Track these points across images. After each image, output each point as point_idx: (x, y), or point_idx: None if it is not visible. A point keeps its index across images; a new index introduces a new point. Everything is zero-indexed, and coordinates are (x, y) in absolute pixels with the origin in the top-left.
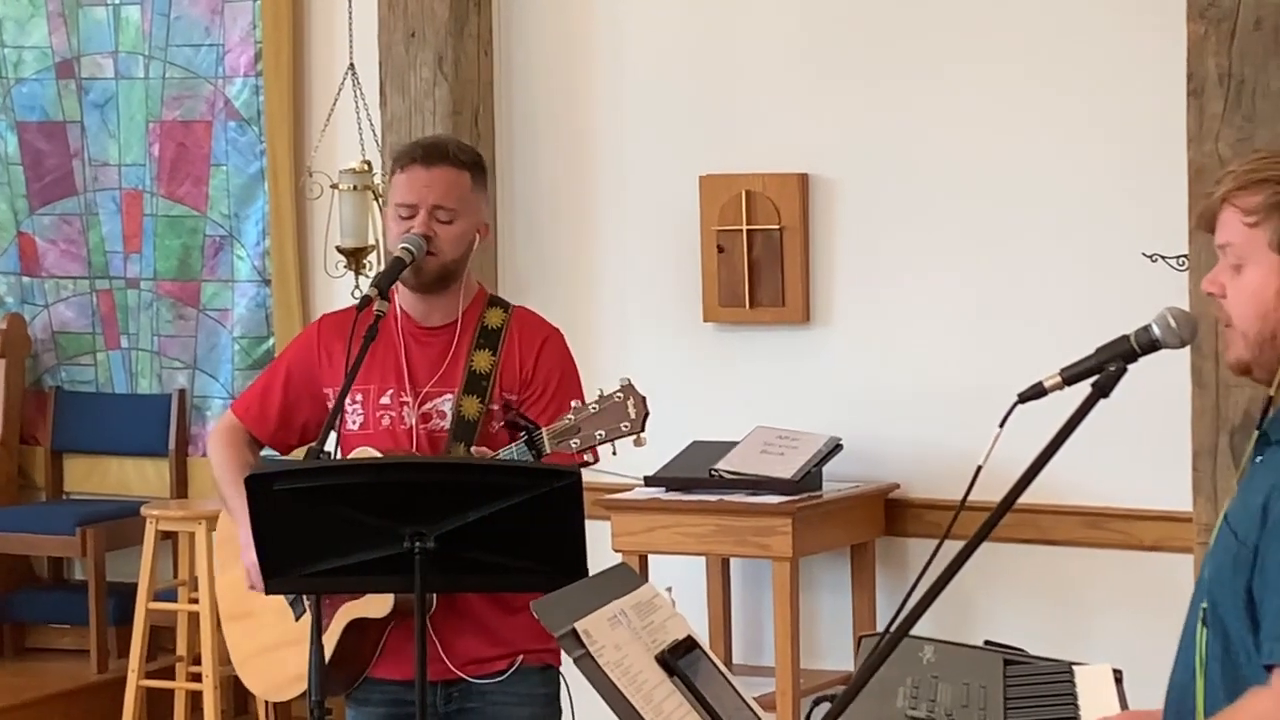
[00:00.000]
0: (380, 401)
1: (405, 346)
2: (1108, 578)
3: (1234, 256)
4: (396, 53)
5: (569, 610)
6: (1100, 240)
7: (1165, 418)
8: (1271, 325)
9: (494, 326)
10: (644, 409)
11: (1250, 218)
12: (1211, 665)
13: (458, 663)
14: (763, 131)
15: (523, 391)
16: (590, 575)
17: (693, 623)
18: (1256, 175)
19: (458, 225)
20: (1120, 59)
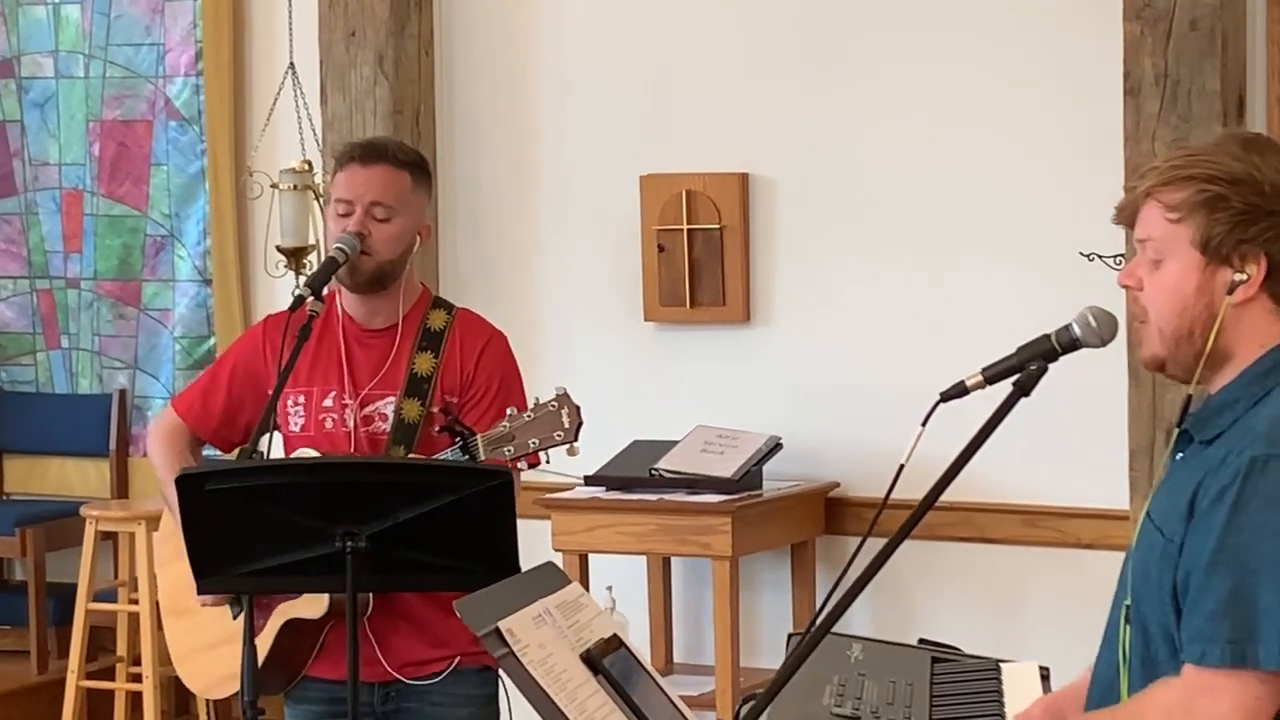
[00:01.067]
0: (322, 404)
1: (347, 348)
2: (1045, 575)
3: (1153, 251)
4: (337, 52)
5: (493, 609)
6: (1038, 240)
7: (1102, 416)
8: (1189, 322)
9: (436, 329)
10: (578, 419)
11: (1173, 214)
12: (1133, 662)
13: (395, 664)
14: (703, 131)
15: (463, 394)
16: (517, 574)
17: (633, 622)
18: (1181, 172)
19: (395, 224)
20: (1057, 59)
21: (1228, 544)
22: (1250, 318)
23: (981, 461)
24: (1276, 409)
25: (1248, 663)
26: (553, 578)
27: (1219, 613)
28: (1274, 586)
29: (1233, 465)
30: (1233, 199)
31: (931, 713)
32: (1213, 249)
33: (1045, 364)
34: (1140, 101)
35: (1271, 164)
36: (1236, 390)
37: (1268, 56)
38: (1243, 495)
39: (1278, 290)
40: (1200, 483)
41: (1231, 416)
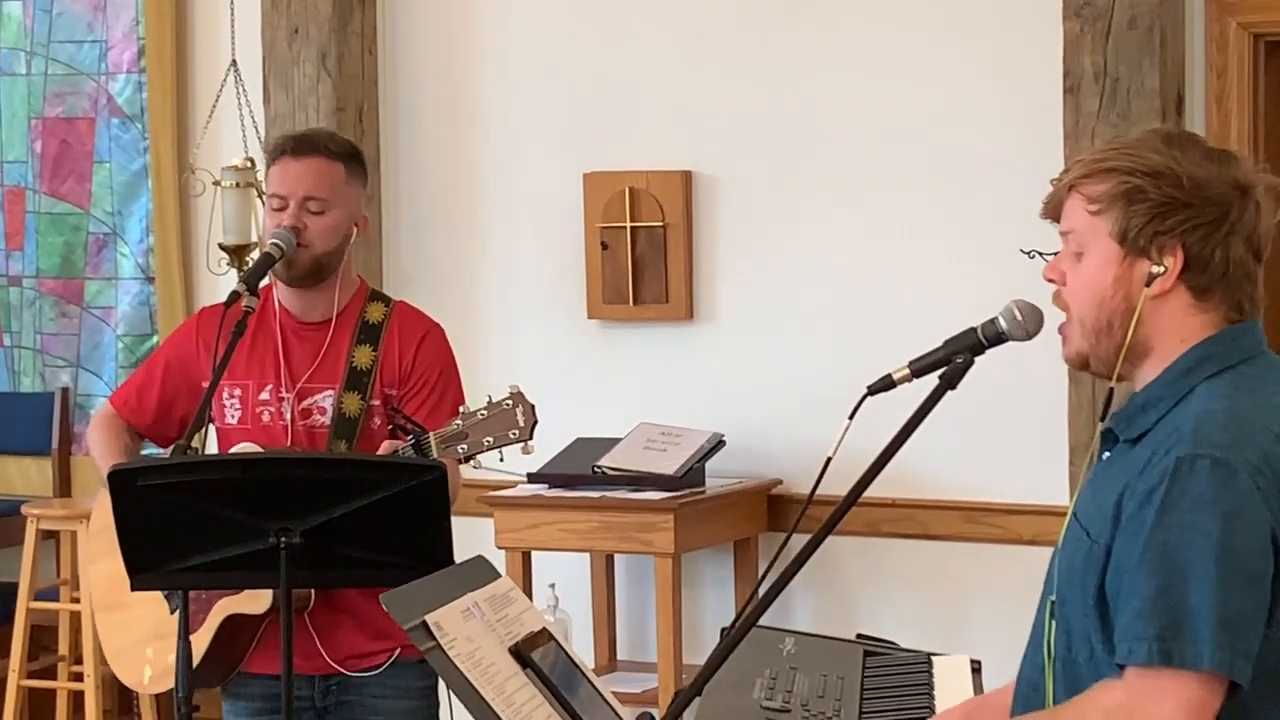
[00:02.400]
0: (259, 397)
1: (284, 342)
2: (986, 571)
3: (1075, 244)
4: (280, 49)
5: (420, 602)
6: (979, 237)
7: (1042, 413)
8: (1107, 314)
9: (374, 321)
10: (533, 417)
11: (1094, 205)
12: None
13: (336, 657)
14: (646, 129)
15: (402, 386)
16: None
17: (576, 619)
18: (1104, 164)
19: (330, 216)
20: (997, 57)
21: (1155, 543)
22: (1168, 310)
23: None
24: (1201, 407)
25: (1173, 661)
26: (482, 571)
27: (1146, 611)
28: (1202, 586)
29: (1159, 466)
30: (1151, 191)
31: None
32: (1130, 240)
33: (971, 357)
34: (1080, 100)
35: (1192, 158)
36: (1159, 389)
37: (1206, 54)
38: (1170, 495)
39: (1196, 283)
40: (1127, 485)
41: (1155, 415)
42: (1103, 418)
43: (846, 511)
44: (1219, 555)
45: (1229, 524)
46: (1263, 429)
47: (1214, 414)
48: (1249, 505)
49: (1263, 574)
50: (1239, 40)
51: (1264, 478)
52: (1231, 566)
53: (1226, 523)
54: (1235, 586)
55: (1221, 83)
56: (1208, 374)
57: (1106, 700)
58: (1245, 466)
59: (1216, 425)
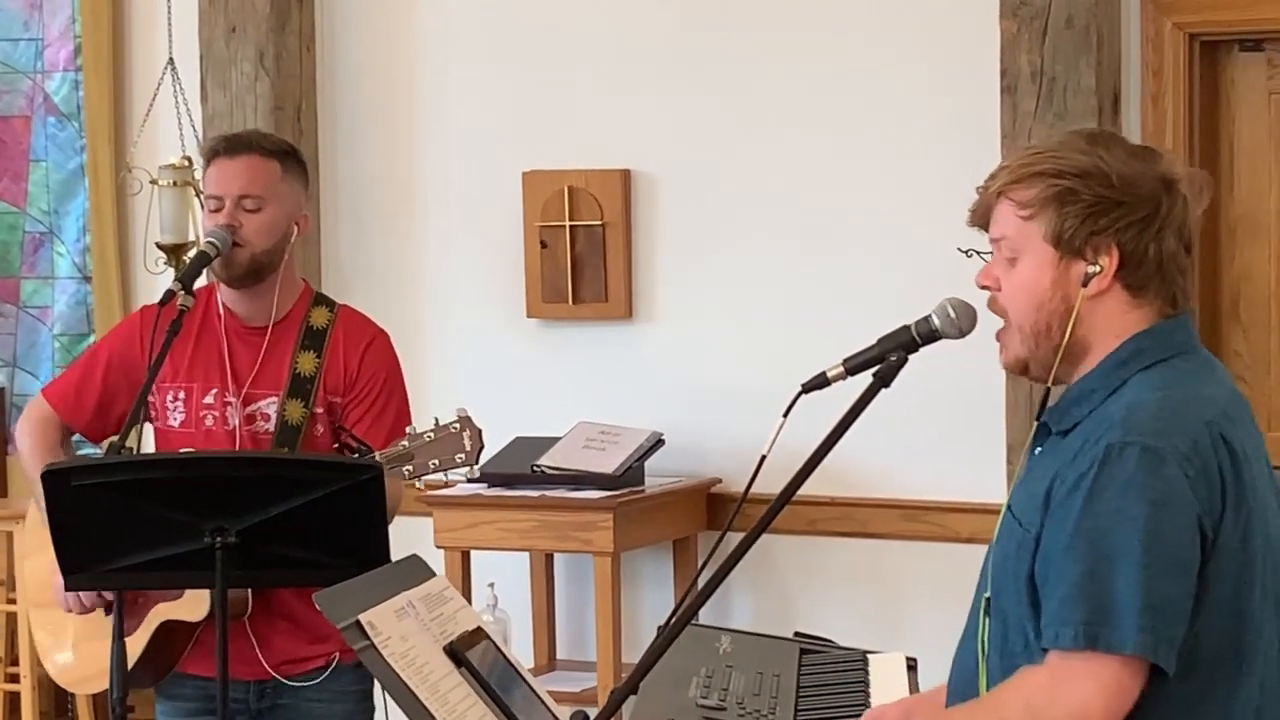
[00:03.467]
0: (204, 401)
1: (229, 345)
2: (925, 569)
3: (1008, 250)
4: (217, 48)
5: (354, 602)
6: (917, 236)
7: (980, 411)
8: (1046, 317)
9: (319, 327)
10: (479, 442)
11: (1025, 210)
12: (992, 654)
13: (274, 661)
14: (585, 128)
15: (346, 394)
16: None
17: (516, 619)
18: (1031, 169)
19: (266, 214)
20: (934, 56)
21: (1083, 528)
22: (1105, 309)
23: (862, 457)
24: (1134, 397)
25: (1099, 645)
26: (417, 571)
27: (1073, 596)
28: (1128, 571)
29: (1089, 453)
30: (1082, 192)
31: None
32: (1065, 242)
33: (905, 355)
34: (1016, 99)
35: (1118, 156)
36: (1094, 381)
37: (1142, 54)
38: (1099, 481)
39: (1131, 280)
40: (1057, 473)
41: (1088, 407)
42: (1038, 416)
43: (780, 509)
44: (1145, 541)
45: (1156, 510)
46: (1194, 419)
47: (1145, 403)
48: (1176, 492)
49: (1189, 561)
50: (1175, 40)
51: (1192, 466)
52: (1158, 552)
53: (1154, 509)
54: (1161, 572)
55: (1158, 82)
56: (1141, 366)
57: (1028, 684)
58: (1174, 454)
59: (1148, 414)
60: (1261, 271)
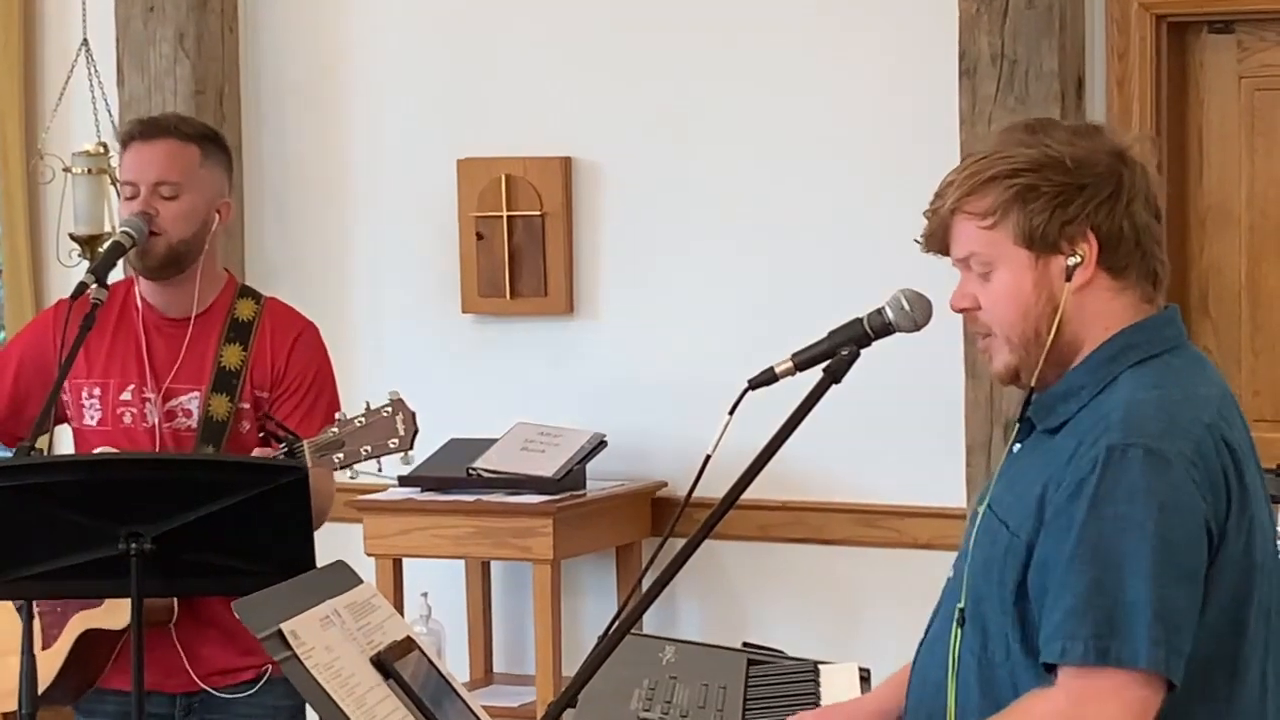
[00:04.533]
0: (121, 397)
1: (147, 339)
2: (881, 576)
3: (980, 265)
4: (134, 29)
5: (276, 610)
6: (872, 227)
7: (938, 412)
8: (1034, 322)
9: (245, 319)
10: (413, 425)
11: (987, 220)
12: (966, 662)
13: (202, 672)
14: (523, 113)
15: (274, 389)
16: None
17: (451, 630)
18: (982, 176)
19: (183, 201)
20: (890, 38)
21: (1088, 536)
22: (1093, 301)
23: (815, 459)
24: (1129, 396)
25: (1109, 660)
26: (343, 577)
27: (1080, 608)
28: (1138, 581)
29: (1089, 456)
30: (1042, 185)
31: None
32: (1039, 240)
33: (857, 349)
34: (976, 83)
35: (1062, 140)
36: (1081, 376)
37: (1107, 36)
38: (1102, 486)
39: (1112, 263)
40: (1051, 476)
41: (1077, 404)
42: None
43: (726, 513)
44: (1155, 548)
45: (1165, 516)
46: (1194, 420)
47: (1143, 403)
48: (1184, 497)
49: (1197, 569)
50: (1141, 22)
51: (1197, 469)
52: (1168, 560)
53: (1162, 514)
54: (1172, 581)
55: (1123, 65)
56: (1131, 362)
57: (1043, 709)
58: (1179, 457)
59: (1147, 415)
60: (1231, 264)
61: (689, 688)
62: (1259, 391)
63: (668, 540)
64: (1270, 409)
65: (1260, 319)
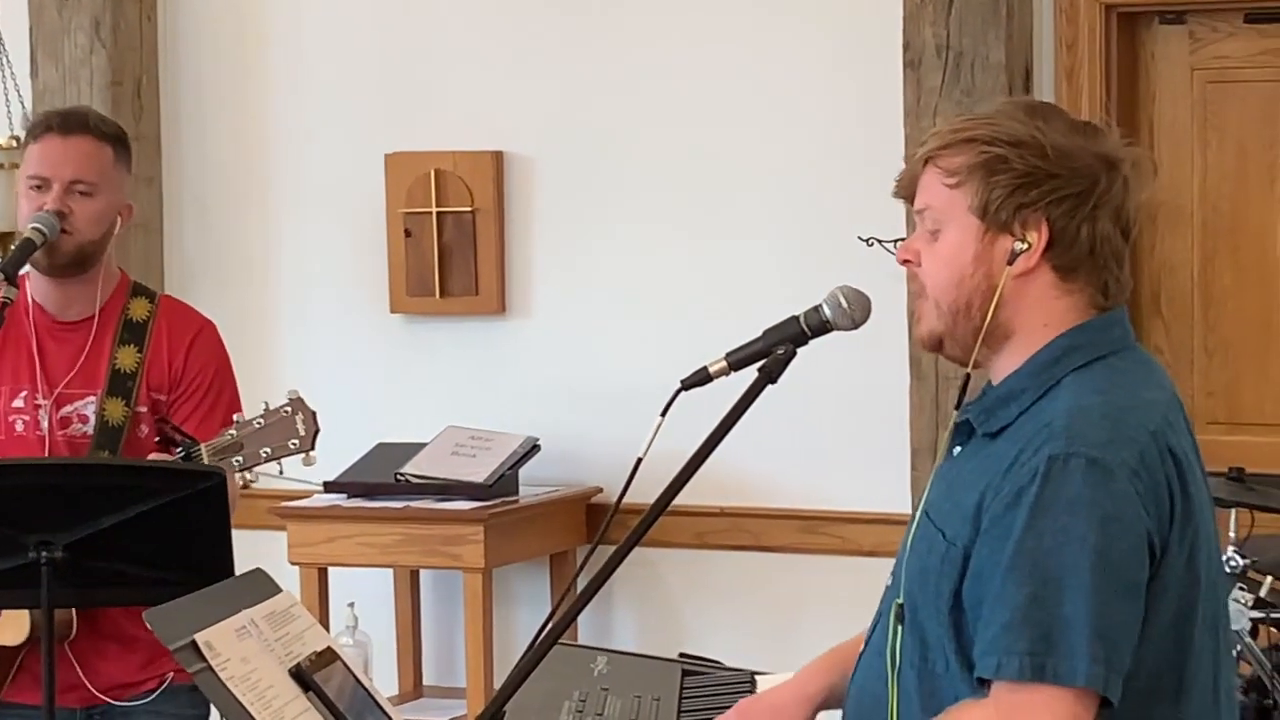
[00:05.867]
0: (12, 405)
1: (39, 342)
2: (823, 584)
3: (931, 221)
4: (49, 16)
5: (189, 620)
6: (813, 225)
7: (883, 416)
8: (967, 294)
9: (139, 319)
10: (314, 425)
11: (951, 179)
12: (906, 670)
13: (102, 685)
14: (454, 106)
15: (172, 391)
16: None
17: (378, 641)
18: (962, 135)
19: (98, 201)
20: (833, 29)
21: (1026, 548)
22: (1032, 291)
23: (756, 464)
24: (1073, 402)
25: (1046, 677)
26: (260, 586)
27: (1016, 622)
28: (1077, 596)
29: (1029, 465)
30: (1014, 161)
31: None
32: (992, 214)
33: (794, 348)
34: (921, 74)
35: (1057, 128)
36: (1023, 380)
37: (1055, 27)
38: (1042, 497)
39: (1061, 261)
40: (989, 484)
41: (1018, 408)
42: (957, 406)
43: (657, 518)
44: (1095, 563)
45: (1106, 529)
46: (1139, 427)
47: (1087, 410)
48: (1127, 509)
49: (1138, 584)
50: (1090, 11)
51: (1141, 481)
52: (1108, 575)
53: (1104, 527)
54: (1111, 596)
55: (1072, 57)
56: (1075, 365)
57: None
58: (1122, 468)
59: (1091, 422)
60: (1184, 261)
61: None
62: (1212, 393)
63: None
64: (1224, 411)
65: (1213, 318)
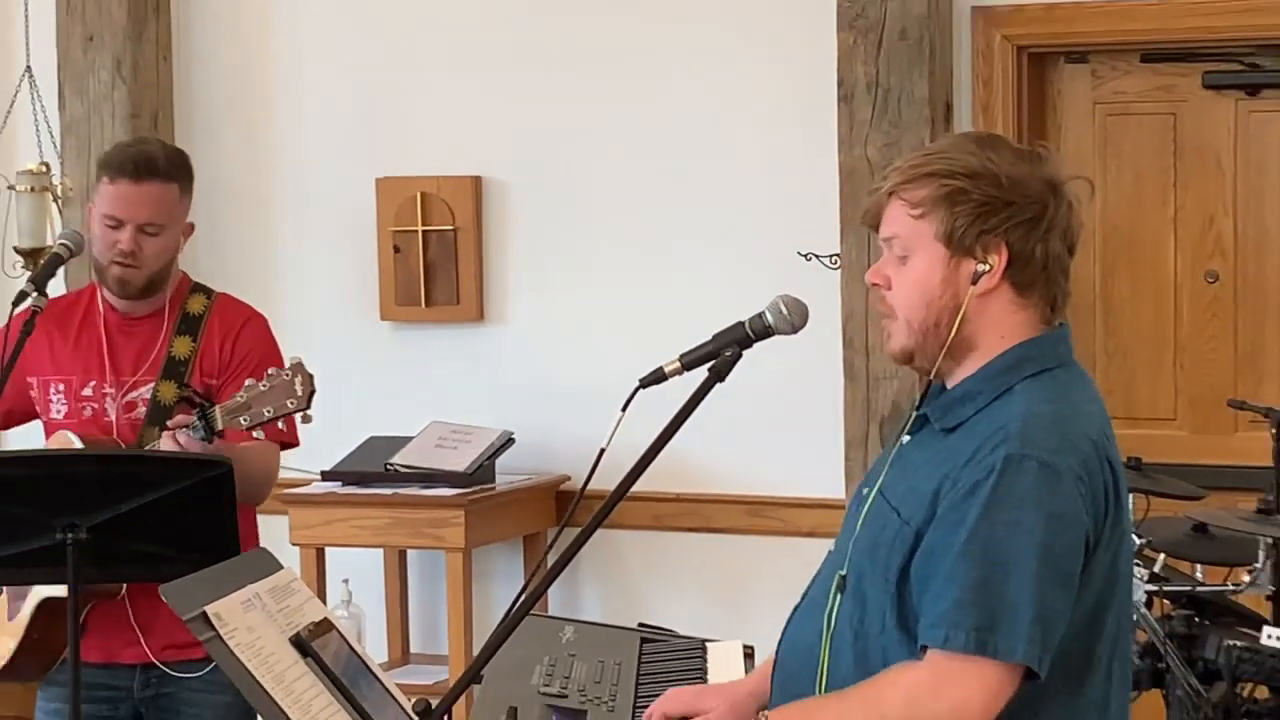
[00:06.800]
0: (82, 393)
1: (108, 338)
2: (765, 562)
3: (899, 248)
4: (75, 56)
5: (201, 593)
6: (757, 241)
7: (819, 411)
8: (935, 313)
9: (195, 313)
10: (310, 386)
11: (916, 210)
12: (842, 629)
13: (156, 645)
14: (438, 135)
15: (221, 375)
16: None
17: (370, 614)
18: (922, 170)
19: (165, 237)
20: (774, 66)
21: (979, 535)
22: (992, 307)
23: (707, 454)
24: (1025, 408)
25: (988, 651)
26: (264, 563)
27: (966, 601)
28: (1022, 582)
29: (987, 461)
30: (973, 192)
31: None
32: (956, 241)
33: (740, 350)
34: (853, 108)
35: (1006, 158)
36: (979, 383)
37: (973, 65)
38: (998, 491)
39: (1018, 279)
40: (947, 474)
41: (973, 408)
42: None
43: (618, 502)
44: (1040, 554)
45: (1052, 525)
46: (1082, 436)
47: (1039, 416)
48: (1070, 509)
49: (1074, 575)
50: (1004, 52)
51: (1083, 484)
52: (1050, 566)
53: (1050, 523)
54: (1051, 585)
55: (987, 92)
56: (1026, 374)
57: (908, 679)
58: (1069, 472)
59: (1043, 428)
60: (1086, 275)
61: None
62: (1110, 391)
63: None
64: (1121, 407)
65: (1111, 324)
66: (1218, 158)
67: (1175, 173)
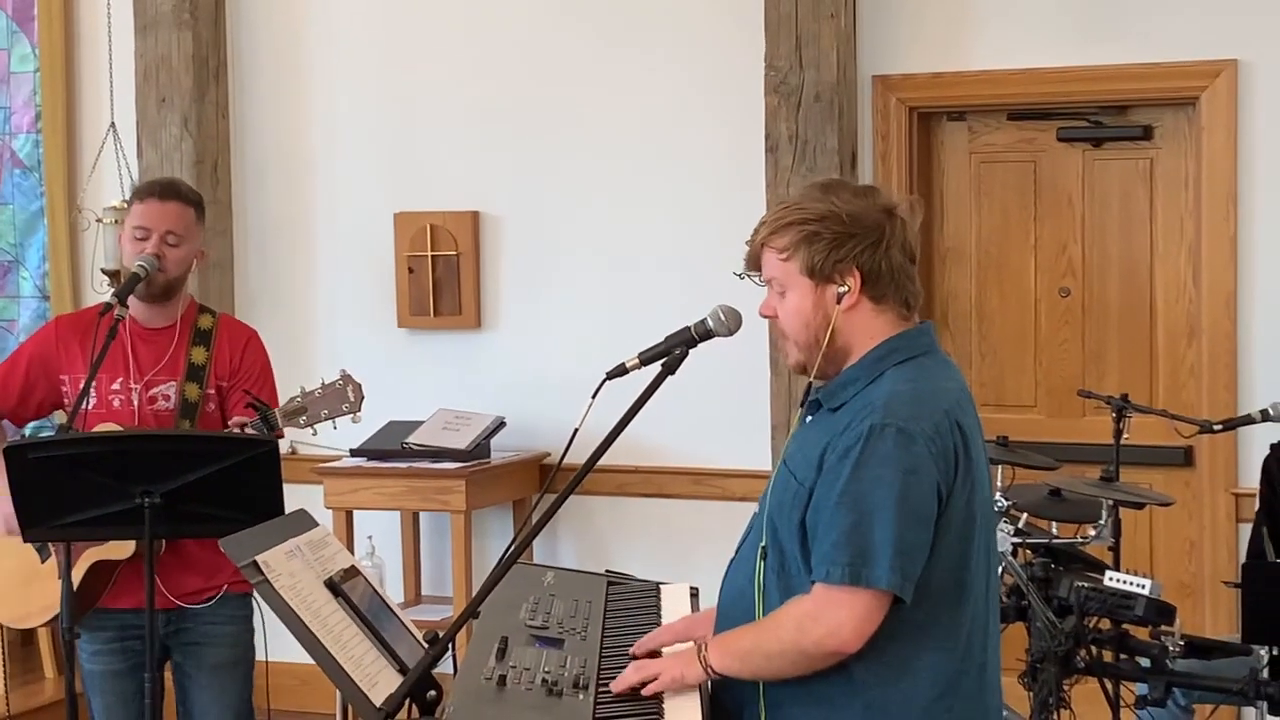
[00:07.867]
0: (111, 388)
1: (131, 344)
2: (707, 522)
3: (778, 286)
4: (150, 114)
5: (252, 546)
6: (701, 264)
7: (751, 398)
8: (813, 332)
9: (205, 328)
10: (360, 394)
11: (783, 254)
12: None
13: (176, 594)
14: (444, 177)
15: (231, 379)
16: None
17: (389, 564)
18: (782, 221)
19: (183, 249)
20: (713, 124)
21: (850, 490)
22: (858, 318)
23: (660, 434)
24: (890, 387)
25: (860, 581)
26: (303, 522)
27: (841, 542)
28: (884, 525)
29: (856, 430)
30: (823, 232)
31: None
32: (818, 273)
33: (687, 349)
34: (778, 157)
35: (845, 198)
36: (858, 371)
37: (874, 123)
38: (863, 454)
39: (873, 292)
40: (829, 443)
41: (853, 390)
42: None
43: (588, 473)
44: (897, 502)
45: (906, 478)
46: (935, 407)
47: (901, 393)
48: (922, 464)
49: (929, 517)
50: (899, 112)
51: (934, 444)
52: (906, 510)
53: (905, 477)
54: (909, 525)
55: (885, 144)
56: (895, 362)
57: (797, 610)
58: (921, 435)
59: (902, 401)
60: (964, 290)
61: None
62: (984, 384)
63: (545, 494)
64: (992, 396)
65: (984, 331)
66: (1069, 197)
67: (1035, 209)
